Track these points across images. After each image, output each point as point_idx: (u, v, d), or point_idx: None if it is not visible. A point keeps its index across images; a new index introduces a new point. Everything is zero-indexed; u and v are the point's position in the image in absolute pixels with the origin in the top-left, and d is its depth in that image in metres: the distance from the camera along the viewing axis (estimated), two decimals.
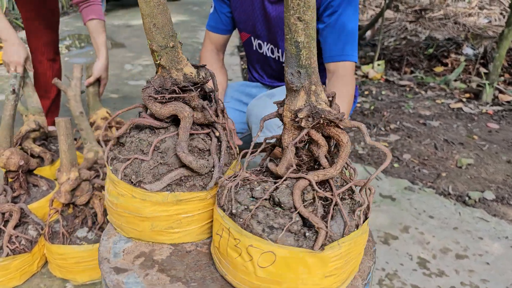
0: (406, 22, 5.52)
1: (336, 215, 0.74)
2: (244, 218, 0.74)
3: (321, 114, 0.74)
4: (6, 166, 1.60)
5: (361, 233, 0.76)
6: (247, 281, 0.76)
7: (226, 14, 1.66)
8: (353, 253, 0.75)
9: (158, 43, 0.84)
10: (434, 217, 2.01)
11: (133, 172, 0.87)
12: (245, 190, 0.79)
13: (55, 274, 1.58)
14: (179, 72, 0.87)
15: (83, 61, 4.62)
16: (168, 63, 0.86)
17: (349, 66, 1.42)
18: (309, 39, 0.71)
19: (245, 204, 0.76)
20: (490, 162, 2.55)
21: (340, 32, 1.41)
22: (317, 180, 0.75)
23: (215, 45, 1.73)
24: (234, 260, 0.76)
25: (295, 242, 0.71)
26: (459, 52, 4.48)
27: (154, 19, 0.81)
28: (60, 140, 1.38)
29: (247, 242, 0.73)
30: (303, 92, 0.75)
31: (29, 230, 1.55)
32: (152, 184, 0.86)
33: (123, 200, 0.89)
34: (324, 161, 0.77)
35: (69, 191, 1.45)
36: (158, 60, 0.86)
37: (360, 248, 0.79)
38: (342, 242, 0.72)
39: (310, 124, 0.75)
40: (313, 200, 0.75)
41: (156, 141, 0.88)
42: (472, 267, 1.69)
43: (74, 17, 7.27)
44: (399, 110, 3.36)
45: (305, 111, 0.74)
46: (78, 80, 1.86)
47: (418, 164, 2.53)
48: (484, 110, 3.34)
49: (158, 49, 0.84)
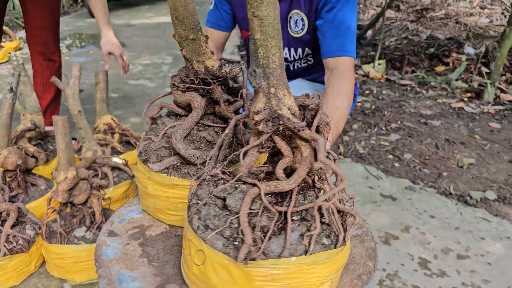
0: (407, 22, 5.51)
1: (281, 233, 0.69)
2: (191, 212, 0.74)
3: (280, 120, 0.69)
4: (4, 165, 1.59)
5: (310, 262, 0.67)
6: (188, 275, 0.76)
7: (227, 11, 1.65)
8: (296, 282, 0.67)
9: (180, 35, 0.88)
10: (435, 217, 1.99)
11: (144, 150, 0.95)
12: (208, 186, 0.78)
13: (53, 274, 1.57)
14: (200, 64, 0.91)
15: (83, 60, 4.61)
16: (190, 54, 0.90)
17: (348, 61, 1.41)
18: (265, 37, 0.66)
19: (201, 199, 0.75)
20: (491, 162, 2.53)
21: (339, 27, 1.40)
22: (268, 191, 0.70)
23: (215, 43, 1.71)
24: (184, 251, 0.78)
25: (222, 248, 0.67)
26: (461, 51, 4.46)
27: (176, 11, 0.85)
28: (57, 139, 1.37)
29: (188, 236, 0.73)
30: (262, 94, 0.70)
31: (26, 230, 1.54)
32: (154, 164, 0.92)
33: (138, 174, 0.97)
34: (280, 172, 0.72)
35: (67, 190, 1.44)
36: (181, 51, 0.91)
37: (313, 279, 0.69)
38: (275, 264, 0.65)
39: (269, 129, 0.70)
40: (262, 210, 0.69)
41: (169, 126, 0.94)
42: (473, 267, 1.68)
43: (75, 17, 7.27)
44: (400, 110, 3.34)
45: (262, 114, 0.70)
46: (77, 79, 1.85)
47: (419, 163, 2.51)
48: (486, 110, 3.32)
49: (180, 40, 0.89)
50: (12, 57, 4.64)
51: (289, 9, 1.52)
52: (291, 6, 1.52)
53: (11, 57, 4.63)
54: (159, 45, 5.25)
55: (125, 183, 1.83)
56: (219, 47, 1.74)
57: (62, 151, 1.39)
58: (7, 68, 4.27)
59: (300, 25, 1.54)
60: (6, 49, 4.57)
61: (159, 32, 5.95)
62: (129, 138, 2.14)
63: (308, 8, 1.49)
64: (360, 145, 2.72)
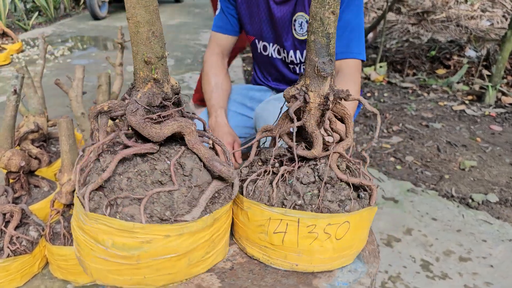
0: (408, 25, 5.52)
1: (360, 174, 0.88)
2: (315, 204, 0.81)
3: (338, 94, 0.84)
4: (7, 167, 1.60)
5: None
6: (325, 259, 0.83)
7: (233, 15, 1.65)
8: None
9: (156, 54, 0.75)
10: (437, 220, 2.00)
11: (165, 207, 0.74)
12: (287, 181, 0.85)
13: (56, 275, 1.57)
14: (168, 84, 0.79)
15: (85, 63, 4.62)
16: (162, 76, 0.77)
17: (353, 64, 1.39)
18: (335, 30, 0.80)
19: (305, 192, 0.83)
20: (493, 165, 2.53)
21: (343, 28, 1.39)
22: (344, 149, 0.85)
23: (222, 48, 1.69)
24: (308, 247, 0.81)
25: (359, 206, 0.83)
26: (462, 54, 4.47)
27: (153, 26, 0.73)
28: (61, 141, 1.38)
29: (325, 222, 0.79)
30: (330, 78, 0.83)
31: (30, 231, 1.54)
32: (191, 212, 0.75)
33: (150, 246, 0.72)
34: (343, 133, 0.87)
35: (70, 192, 1.44)
36: (155, 74, 0.76)
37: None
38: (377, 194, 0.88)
39: (330, 103, 0.84)
40: (346, 168, 0.88)
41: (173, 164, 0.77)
42: (475, 269, 1.68)
43: (77, 19, 7.29)
44: (401, 112, 3.34)
45: (332, 94, 0.83)
46: (80, 81, 1.86)
47: (421, 166, 2.52)
48: (487, 112, 3.33)
49: (155, 61, 0.75)
50: (14, 59, 4.65)
51: (294, 11, 1.52)
52: (296, 8, 1.51)
53: (14, 59, 4.65)
54: None
55: None
56: (225, 52, 1.71)
57: (66, 153, 1.40)
58: (10, 70, 4.29)
59: (305, 28, 1.54)
60: (9, 51, 4.58)
61: None
62: None
63: None
64: (361, 147, 2.72)
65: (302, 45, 1.60)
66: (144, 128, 0.75)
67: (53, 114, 2.75)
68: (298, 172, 0.85)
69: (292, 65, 1.66)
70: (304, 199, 0.82)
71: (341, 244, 0.81)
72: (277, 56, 1.66)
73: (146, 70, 0.76)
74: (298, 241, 0.80)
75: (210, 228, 0.78)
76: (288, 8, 1.51)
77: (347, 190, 0.83)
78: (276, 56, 1.66)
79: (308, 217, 0.79)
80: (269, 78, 1.80)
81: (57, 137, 2.15)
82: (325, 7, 0.78)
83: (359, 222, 0.82)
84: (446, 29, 5.26)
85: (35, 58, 4.69)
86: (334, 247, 0.81)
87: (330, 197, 0.82)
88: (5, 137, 1.60)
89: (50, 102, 2.39)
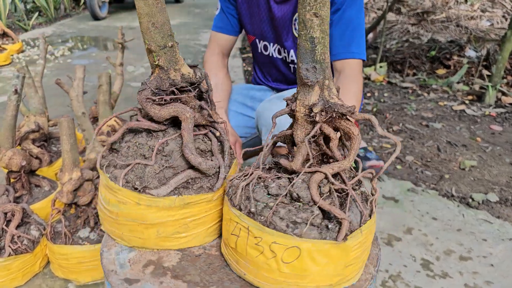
0: (408, 25, 5.52)
1: (351, 205, 0.77)
2: (265, 216, 0.74)
3: (334, 108, 0.76)
4: (8, 167, 1.60)
5: (374, 221, 0.79)
6: (270, 278, 0.76)
7: (234, 15, 1.65)
8: (368, 241, 0.78)
9: (157, 43, 0.82)
10: (438, 219, 2.00)
11: (137, 178, 0.84)
12: (260, 188, 0.79)
13: (57, 274, 1.57)
14: (176, 72, 0.86)
15: (85, 63, 4.63)
16: (167, 63, 0.84)
17: (355, 64, 1.40)
18: (324, 35, 0.72)
19: (263, 202, 0.76)
20: (493, 164, 2.54)
21: (344, 29, 1.39)
22: (332, 173, 0.76)
23: (222, 48, 1.69)
24: (255, 259, 0.76)
25: (319, 235, 0.73)
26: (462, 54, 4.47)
27: (153, 18, 0.79)
28: (62, 140, 1.38)
29: (270, 239, 0.73)
30: (317, 87, 0.76)
31: (31, 230, 1.54)
32: (159, 189, 0.83)
33: (125, 208, 0.84)
34: (338, 153, 0.79)
35: (71, 191, 1.45)
36: (157, 61, 0.84)
37: (372, 236, 0.81)
38: (362, 231, 0.74)
39: (323, 118, 0.76)
40: (329, 192, 0.76)
41: (159, 144, 0.85)
42: (476, 269, 1.68)
43: (77, 19, 7.29)
44: (401, 112, 3.35)
45: (320, 105, 0.76)
46: (81, 81, 1.86)
47: (421, 166, 2.52)
48: (487, 112, 3.33)
49: (157, 49, 0.82)
50: (14, 59, 4.66)
51: (294, 11, 1.52)
52: (296, 8, 1.52)
53: (14, 59, 4.65)
54: None
55: None
56: (225, 52, 1.71)
57: (67, 152, 1.40)
58: (10, 70, 4.29)
59: None
60: (9, 51, 4.59)
61: None
62: None
63: None
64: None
65: None
66: (145, 106, 0.85)
67: (53, 114, 2.75)
68: (272, 181, 0.79)
69: (292, 64, 1.67)
70: (256, 207, 0.76)
71: (289, 269, 0.73)
72: (277, 56, 1.67)
73: (151, 57, 0.85)
74: (247, 250, 0.77)
75: (180, 209, 0.84)
76: (288, 7, 1.51)
77: (312, 214, 0.73)
78: (276, 55, 1.67)
79: (256, 228, 0.74)
80: (269, 78, 1.81)
81: (57, 136, 2.16)
82: (305, 8, 0.70)
83: (316, 254, 0.72)
84: (446, 29, 5.26)
85: (36, 58, 4.69)
86: (280, 270, 0.74)
87: (282, 214, 0.74)
88: (6, 136, 1.60)
89: (50, 102, 2.40)
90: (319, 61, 0.74)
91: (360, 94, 1.36)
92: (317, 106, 0.76)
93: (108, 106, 2.14)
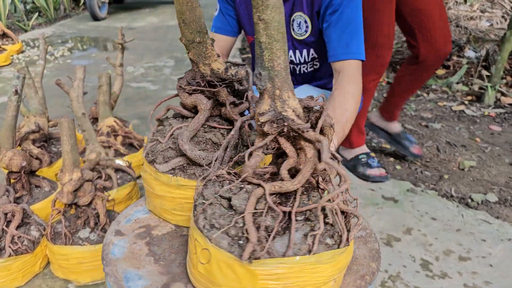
0: None
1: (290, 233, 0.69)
2: (197, 212, 0.75)
3: (284, 121, 0.70)
4: (8, 167, 1.60)
5: (313, 261, 0.67)
6: (194, 273, 0.78)
7: (232, 16, 1.65)
8: (300, 281, 0.68)
9: (187, 38, 0.90)
10: (437, 219, 2.00)
11: (151, 151, 0.97)
12: (214, 187, 0.79)
13: (57, 275, 1.58)
14: (206, 66, 0.93)
15: (85, 63, 4.63)
16: (196, 57, 0.92)
17: (354, 64, 1.39)
18: (270, 40, 0.68)
19: (208, 199, 0.76)
20: (492, 165, 2.54)
21: (343, 29, 1.39)
22: (272, 191, 0.71)
23: (221, 48, 1.69)
24: (190, 251, 0.78)
25: (227, 247, 0.68)
26: (461, 54, 4.47)
27: (183, 15, 0.87)
28: (63, 141, 1.38)
29: (194, 235, 0.74)
30: (267, 96, 0.72)
31: (31, 231, 1.55)
32: (161, 165, 0.94)
33: (145, 175, 1.00)
34: (284, 172, 0.73)
35: (72, 192, 1.45)
36: (187, 53, 0.93)
37: (316, 279, 0.69)
38: (279, 263, 0.66)
39: (274, 130, 0.71)
40: (267, 210, 0.70)
41: (175, 128, 0.97)
42: (475, 269, 1.69)
43: (77, 20, 7.30)
44: (401, 112, 3.35)
45: (267, 115, 0.71)
46: (81, 81, 1.86)
47: (421, 166, 2.52)
48: (486, 113, 3.33)
49: (187, 43, 0.91)
50: (14, 59, 4.66)
51: (292, 11, 1.53)
52: (294, 8, 1.52)
53: (14, 60, 4.66)
54: (161, 48, 5.27)
55: (129, 185, 1.84)
56: (224, 53, 1.71)
57: (68, 152, 1.40)
58: (10, 71, 4.30)
59: (304, 28, 1.54)
60: (9, 52, 4.59)
61: (160, 35, 5.97)
62: (132, 140, 2.15)
63: (309, 10, 1.50)
64: None
65: (301, 45, 1.61)
66: (179, 93, 0.98)
67: (53, 114, 2.76)
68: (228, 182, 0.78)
69: (292, 64, 1.67)
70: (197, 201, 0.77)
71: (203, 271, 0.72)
72: None
73: (185, 51, 0.94)
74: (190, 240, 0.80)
75: (176, 189, 0.93)
76: (286, 7, 1.51)
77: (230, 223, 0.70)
78: None
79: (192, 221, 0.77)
80: None
81: (57, 137, 2.16)
82: (254, 11, 0.66)
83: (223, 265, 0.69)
84: None
85: (35, 59, 4.70)
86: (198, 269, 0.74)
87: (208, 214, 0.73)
88: (6, 137, 1.60)
89: (50, 102, 2.40)
90: (267, 68, 0.70)
91: (359, 95, 1.36)
92: (264, 116, 0.71)
93: (108, 107, 2.14)
